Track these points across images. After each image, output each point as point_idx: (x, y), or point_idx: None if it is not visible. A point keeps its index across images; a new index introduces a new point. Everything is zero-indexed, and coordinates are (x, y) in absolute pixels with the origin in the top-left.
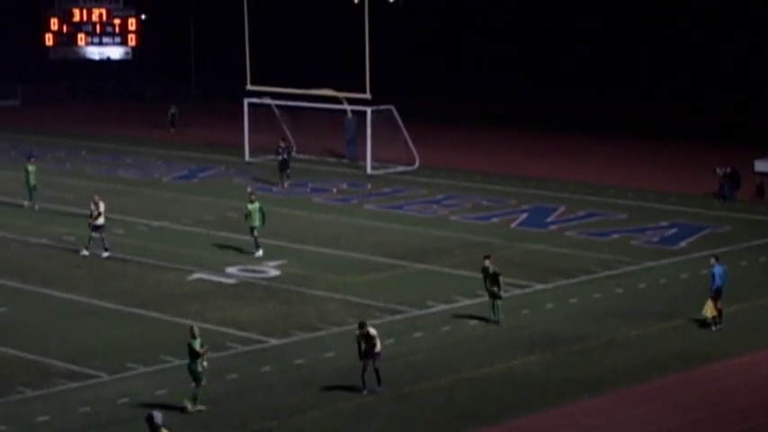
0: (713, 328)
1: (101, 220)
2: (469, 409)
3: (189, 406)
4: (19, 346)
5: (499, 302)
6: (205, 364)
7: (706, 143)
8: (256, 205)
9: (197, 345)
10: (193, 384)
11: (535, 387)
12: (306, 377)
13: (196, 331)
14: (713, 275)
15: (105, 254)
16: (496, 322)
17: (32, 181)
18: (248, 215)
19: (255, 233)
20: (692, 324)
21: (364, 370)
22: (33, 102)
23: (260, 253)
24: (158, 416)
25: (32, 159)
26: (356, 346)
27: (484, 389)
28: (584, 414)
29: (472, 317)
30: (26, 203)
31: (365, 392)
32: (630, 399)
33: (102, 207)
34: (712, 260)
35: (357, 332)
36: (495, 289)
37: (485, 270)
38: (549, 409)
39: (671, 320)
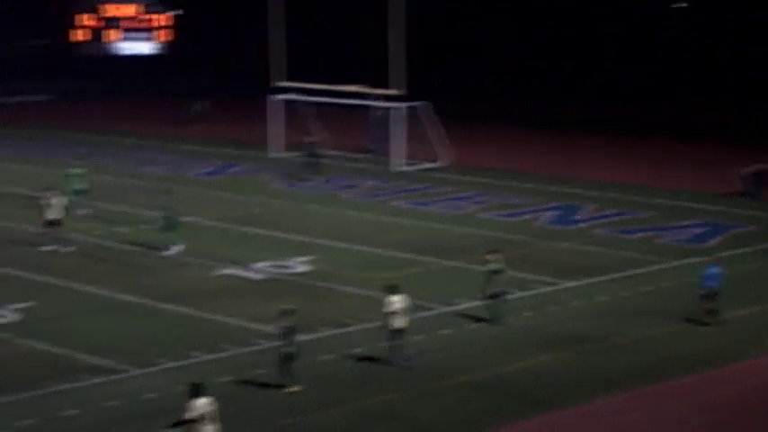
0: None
1: (53, 215)
2: (494, 406)
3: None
4: (46, 340)
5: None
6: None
7: (734, 144)
8: None
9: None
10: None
11: (560, 384)
12: (331, 373)
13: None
14: (706, 277)
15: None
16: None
17: (77, 185)
18: None
19: None
20: (721, 324)
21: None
22: (67, 99)
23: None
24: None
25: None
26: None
27: (509, 386)
28: (611, 412)
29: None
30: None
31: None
32: (657, 396)
33: (54, 201)
34: (708, 263)
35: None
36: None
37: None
38: (575, 406)
39: (697, 319)
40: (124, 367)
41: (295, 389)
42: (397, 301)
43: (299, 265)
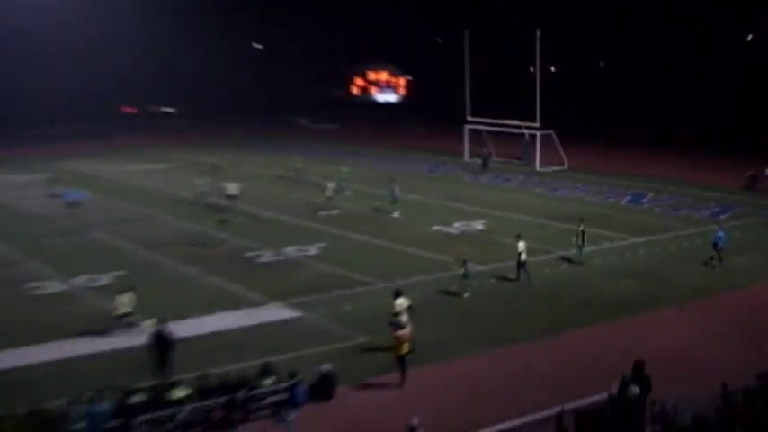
0: (710, 266)
1: (329, 194)
2: (596, 311)
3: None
4: (333, 264)
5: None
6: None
7: (742, 155)
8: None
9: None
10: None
11: (633, 300)
12: (511, 290)
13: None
14: (716, 237)
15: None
16: (580, 263)
17: (344, 177)
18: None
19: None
20: (724, 266)
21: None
22: (346, 126)
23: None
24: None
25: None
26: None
27: (603, 299)
28: (667, 317)
29: (595, 258)
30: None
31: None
32: (691, 308)
33: (329, 185)
34: (717, 228)
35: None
36: (581, 242)
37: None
38: (644, 313)
39: (709, 263)
40: (376, 282)
41: (466, 295)
42: (401, 303)
43: (479, 225)
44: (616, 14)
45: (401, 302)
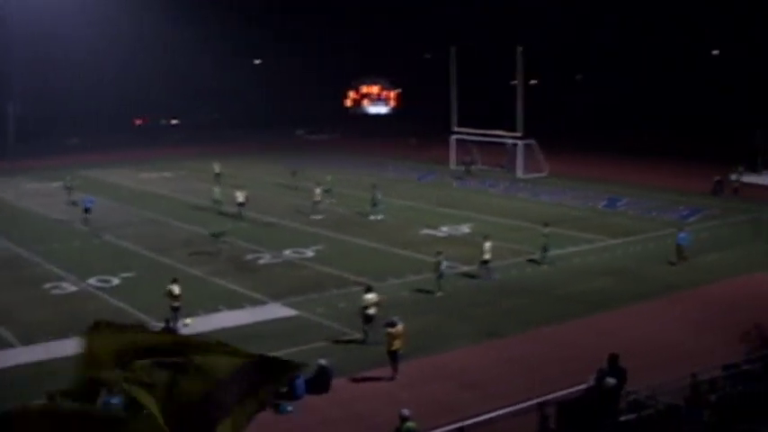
0: (675, 266)
1: (317, 199)
2: (572, 307)
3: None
4: (330, 265)
5: (547, 253)
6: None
7: (709, 161)
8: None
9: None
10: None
11: (610, 296)
12: (495, 288)
13: (442, 258)
14: (678, 238)
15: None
16: (542, 264)
17: (329, 185)
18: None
19: None
20: (694, 264)
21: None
22: (341, 136)
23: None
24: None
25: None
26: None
27: (581, 296)
28: (640, 311)
29: (575, 257)
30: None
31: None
32: (664, 302)
33: (317, 190)
34: (678, 230)
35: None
36: (546, 245)
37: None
38: (620, 309)
39: (674, 262)
40: (369, 281)
41: (439, 294)
42: (370, 298)
43: (466, 228)
44: (592, 31)
45: (371, 297)
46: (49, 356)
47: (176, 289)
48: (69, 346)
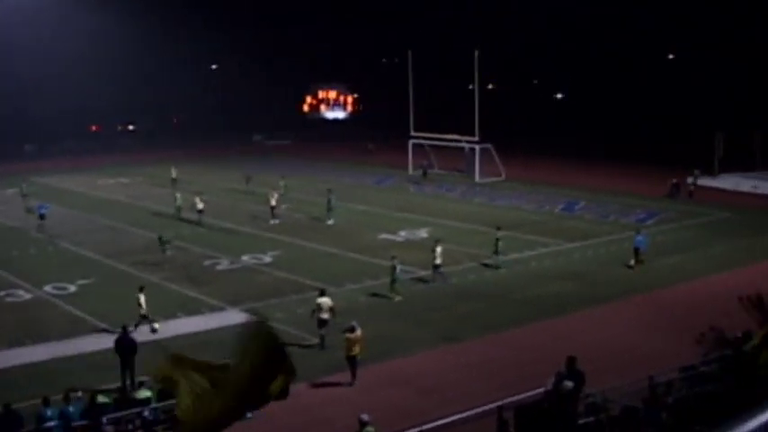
0: (632, 269)
1: (273, 203)
2: (532, 311)
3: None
4: (287, 271)
5: (499, 256)
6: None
7: (666, 165)
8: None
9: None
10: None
11: (568, 300)
12: (452, 292)
13: (396, 262)
14: (635, 241)
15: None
16: (497, 267)
17: (283, 190)
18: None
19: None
20: (651, 266)
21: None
22: (299, 141)
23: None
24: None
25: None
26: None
27: (538, 300)
28: (598, 315)
29: (532, 261)
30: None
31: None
32: (619, 305)
33: (274, 195)
34: (635, 233)
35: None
36: (495, 248)
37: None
38: (578, 312)
39: (631, 265)
40: (327, 287)
41: (397, 299)
42: (324, 301)
43: (423, 232)
44: (549, 36)
45: (324, 301)
46: (5, 365)
47: (142, 298)
48: (25, 355)
